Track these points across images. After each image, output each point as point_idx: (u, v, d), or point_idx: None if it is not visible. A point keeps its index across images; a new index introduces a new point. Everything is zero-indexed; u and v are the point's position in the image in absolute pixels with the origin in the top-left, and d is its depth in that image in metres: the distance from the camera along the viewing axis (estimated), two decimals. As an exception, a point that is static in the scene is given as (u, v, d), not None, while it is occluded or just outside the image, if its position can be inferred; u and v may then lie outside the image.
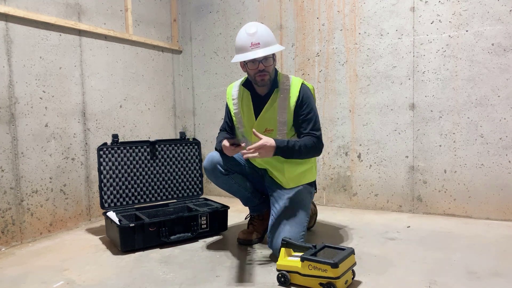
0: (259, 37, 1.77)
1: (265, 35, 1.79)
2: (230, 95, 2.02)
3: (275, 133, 1.88)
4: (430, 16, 2.46)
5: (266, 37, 1.79)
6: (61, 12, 2.38)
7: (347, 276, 1.48)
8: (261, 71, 1.81)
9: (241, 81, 2.01)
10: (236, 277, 1.63)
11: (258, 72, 1.81)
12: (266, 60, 1.80)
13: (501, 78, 2.29)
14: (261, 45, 1.77)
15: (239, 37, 1.82)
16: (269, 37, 1.81)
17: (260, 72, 1.81)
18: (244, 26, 1.83)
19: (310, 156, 1.88)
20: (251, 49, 1.77)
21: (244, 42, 1.78)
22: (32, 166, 2.23)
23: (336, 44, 2.76)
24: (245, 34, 1.79)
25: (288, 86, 1.89)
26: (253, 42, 1.77)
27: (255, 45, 1.76)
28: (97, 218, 2.61)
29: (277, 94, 1.89)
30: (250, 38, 1.77)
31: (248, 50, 1.78)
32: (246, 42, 1.78)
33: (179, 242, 2.08)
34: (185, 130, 3.43)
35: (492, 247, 1.89)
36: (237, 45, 1.83)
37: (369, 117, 2.68)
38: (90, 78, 2.56)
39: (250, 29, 1.78)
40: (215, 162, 1.95)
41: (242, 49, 1.80)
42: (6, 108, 2.10)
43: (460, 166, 2.43)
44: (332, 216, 2.56)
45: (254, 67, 1.81)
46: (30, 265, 1.83)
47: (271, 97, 1.89)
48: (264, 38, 1.78)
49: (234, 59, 1.84)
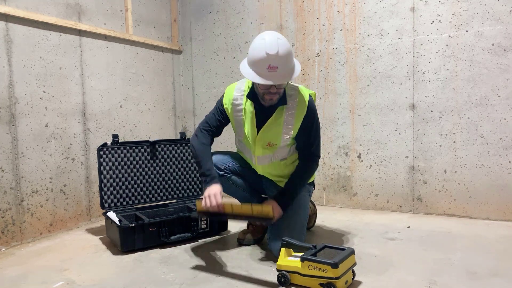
0: (279, 60, 1.59)
1: (286, 56, 1.61)
2: (231, 100, 1.86)
3: (277, 147, 1.83)
4: (430, 16, 2.46)
5: (286, 60, 1.61)
6: (61, 12, 2.38)
7: (347, 276, 1.48)
8: (271, 92, 1.68)
9: (246, 86, 1.85)
10: (236, 277, 1.63)
11: (268, 93, 1.68)
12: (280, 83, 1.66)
13: (501, 78, 2.29)
14: (279, 69, 1.60)
15: (257, 52, 1.61)
16: (288, 59, 1.63)
17: (271, 93, 1.68)
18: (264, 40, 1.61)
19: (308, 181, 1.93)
20: (267, 72, 1.59)
21: (261, 61, 1.60)
22: (32, 166, 2.23)
23: (336, 44, 2.76)
24: (263, 53, 1.58)
25: (296, 102, 1.77)
26: (271, 65, 1.59)
27: (273, 68, 1.59)
28: (97, 218, 2.61)
29: (283, 109, 1.78)
30: (269, 60, 1.58)
31: (263, 71, 1.60)
32: (263, 62, 1.59)
33: (179, 242, 2.08)
34: (185, 130, 3.43)
35: (492, 247, 1.89)
36: (252, 58, 1.64)
37: (369, 117, 2.68)
38: (90, 78, 2.56)
39: (271, 49, 1.58)
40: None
41: (257, 67, 1.62)
42: (6, 108, 2.10)
43: (460, 166, 2.42)
44: (332, 216, 2.56)
45: (265, 88, 1.67)
46: (30, 265, 1.83)
47: (276, 111, 1.78)
48: (284, 61, 1.61)
49: (244, 71, 1.66)
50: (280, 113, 1.78)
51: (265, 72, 1.60)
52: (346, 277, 1.46)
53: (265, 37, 1.63)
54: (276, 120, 1.78)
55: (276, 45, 1.59)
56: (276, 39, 1.61)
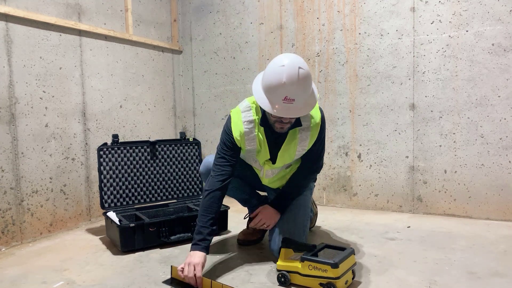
0: (297, 92, 1.46)
1: (305, 88, 1.48)
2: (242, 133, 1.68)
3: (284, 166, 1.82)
4: (430, 16, 2.46)
5: (305, 91, 1.49)
6: (61, 12, 2.38)
7: (347, 276, 1.48)
8: (283, 122, 1.56)
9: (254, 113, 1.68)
10: (236, 277, 1.63)
11: (280, 122, 1.57)
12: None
13: (501, 78, 2.29)
14: (296, 101, 1.46)
15: (274, 78, 1.46)
16: (306, 91, 1.50)
17: (282, 123, 1.57)
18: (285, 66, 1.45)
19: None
20: (282, 103, 1.46)
21: (277, 90, 1.45)
22: (32, 166, 2.23)
23: (336, 44, 2.76)
24: (282, 82, 1.43)
25: (309, 122, 1.67)
26: (288, 96, 1.45)
27: (290, 100, 1.45)
28: (97, 218, 2.61)
29: (294, 135, 1.68)
30: (286, 91, 1.44)
31: (278, 102, 1.47)
32: (279, 92, 1.45)
33: (179, 242, 2.08)
34: (185, 130, 3.43)
35: (492, 247, 1.89)
36: (268, 84, 1.49)
37: (369, 117, 2.68)
38: (90, 78, 2.57)
39: (291, 78, 1.43)
40: (210, 168, 1.85)
41: (272, 95, 1.48)
42: (6, 108, 2.10)
43: (460, 166, 2.42)
44: (332, 216, 2.56)
45: (277, 117, 1.55)
46: (30, 265, 1.83)
47: (289, 135, 1.69)
48: (302, 93, 1.48)
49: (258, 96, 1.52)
50: (293, 136, 1.68)
51: (280, 103, 1.47)
52: (346, 277, 1.47)
53: (285, 63, 1.46)
54: (289, 143, 1.69)
55: (296, 74, 1.43)
56: (297, 67, 1.44)
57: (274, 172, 1.85)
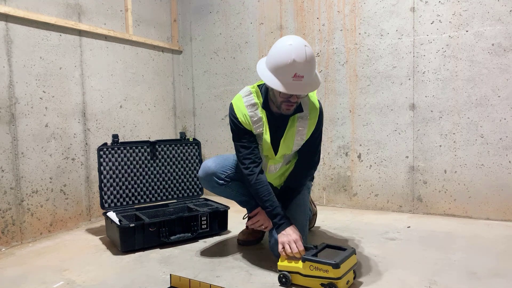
0: (306, 68, 1.50)
1: (312, 66, 1.53)
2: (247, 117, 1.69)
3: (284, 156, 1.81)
4: (430, 16, 2.46)
5: (312, 69, 1.53)
6: (61, 12, 2.38)
7: (349, 276, 1.48)
8: (291, 102, 1.58)
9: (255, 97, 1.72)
10: (236, 277, 1.63)
11: (287, 101, 1.58)
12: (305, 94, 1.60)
13: (501, 78, 2.29)
14: (305, 78, 1.51)
15: (283, 58, 1.49)
16: (314, 68, 1.55)
17: (290, 102, 1.59)
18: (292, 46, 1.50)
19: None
20: (292, 80, 1.50)
21: (287, 67, 1.49)
22: (32, 166, 2.23)
23: (336, 44, 2.76)
24: (290, 59, 1.48)
25: (308, 110, 1.71)
26: (297, 73, 1.49)
27: (299, 77, 1.49)
28: (97, 218, 2.61)
29: (295, 118, 1.70)
30: (296, 68, 1.48)
31: (288, 79, 1.50)
32: (289, 69, 1.49)
33: (179, 243, 2.08)
34: (185, 131, 3.43)
35: (492, 247, 1.89)
36: (275, 64, 1.52)
37: (369, 117, 2.68)
38: (90, 78, 2.57)
39: (298, 55, 1.47)
40: (210, 173, 1.86)
41: (281, 74, 1.51)
42: (6, 108, 2.10)
43: (460, 166, 2.42)
44: (332, 216, 2.56)
45: (285, 96, 1.57)
46: (30, 265, 1.83)
47: (289, 121, 1.71)
48: (310, 70, 1.52)
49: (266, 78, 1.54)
50: (292, 123, 1.70)
51: (290, 80, 1.49)
52: (348, 277, 1.47)
53: (292, 42, 1.51)
54: (289, 130, 1.71)
55: (304, 52, 1.48)
56: (304, 45, 1.50)
57: (277, 167, 1.85)
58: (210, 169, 1.86)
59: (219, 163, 1.89)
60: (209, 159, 1.93)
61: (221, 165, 1.89)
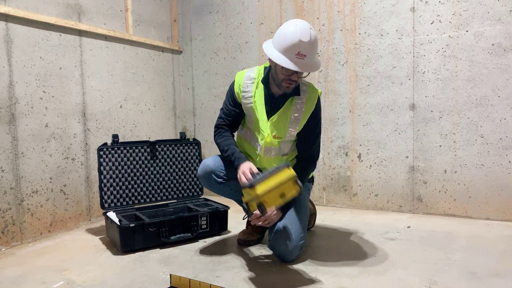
0: (309, 48, 1.62)
1: (315, 47, 1.66)
2: (241, 85, 1.85)
3: (281, 141, 1.83)
4: (430, 16, 2.46)
5: (314, 50, 1.66)
6: (61, 12, 2.38)
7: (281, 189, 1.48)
8: (292, 80, 1.70)
9: (257, 73, 1.85)
10: (236, 277, 1.63)
11: (288, 79, 1.70)
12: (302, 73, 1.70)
13: (501, 78, 2.29)
14: (307, 58, 1.63)
15: (290, 37, 1.61)
16: (316, 49, 1.68)
17: (291, 80, 1.70)
18: (298, 26, 1.62)
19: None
20: (296, 58, 1.61)
21: (292, 46, 1.60)
22: (32, 166, 2.23)
23: (336, 44, 2.76)
24: (296, 39, 1.59)
25: (305, 97, 1.80)
26: (301, 52, 1.61)
27: (302, 55, 1.61)
28: (97, 218, 2.61)
29: (292, 102, 1.80)
30: (300, 47, 1.60)
31: (292, 57, 1.61)
32: (294, 47, 1.60)
33: (179, 243, 2.08)
34: (185, 130, 3.43)
35: (492, 247, 1.89)
36: (281, 42, 1.63)
37: (369, 117, 2.68)
38: (90, 78, 2.57)
39: (305, 36, 1.60)
40: (209, 171, 1.89)
41: (286, 51, 1.62)
42: (6, 108, 2.10)
43: (460, 166, 2.43)
44: (332, 216, 2.56)
45: (287, 73, 1.68)
46: (30, 265, 1.83)
47: (286, 104, 1.79)
48: (313, 50, 1.64)
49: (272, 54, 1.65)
50: (289, 106, 1.80)
51: (293, 58, 1.61)
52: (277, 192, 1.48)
53: (298, 23, 1.64)
54: (284, 113, 1.79)
55: (309, 33, 1.62)
56: (309, 28, 1.63)
57: (272, 152, 1.85)
58: (209, 167, 1.89)
59: (218, 161, 1.92)
60: (208, 158, 1.95)
61: (220, 163, 1.91)
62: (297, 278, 1.60)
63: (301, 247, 1.79)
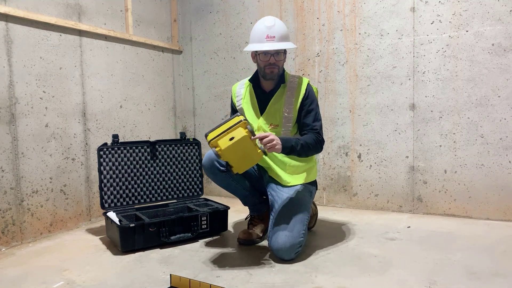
0: (276, 31, 1.84)
1: (282, 30, 1.87)
2: (235, 92, 2.07)
3: (280, 129, 1.91)
4: (430, 16, 2.46)
5: (282, 32, 1.86)
6: (61, 12, 2.38)
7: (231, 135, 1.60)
8: (271, 64, 1.87)
9: (246, 82, 2.05)
10: (236, 277, 1.63)
11: (268, 65, 1.88)
12: (278, 54, 1.87)
13: (501, 78, 2.29)
14: (276, 39, 1.84)
15: (256, 28, 1.88)
16: (285, 32, 1.88)
17: (271, 65, 1.88)
18: (263, 19, 1.90)
19: (311, 154, 1.91)
20: (266, 41, 1.84)
21: (260, 33, 1.85)
22: (32, 166, 2.23)
23: (336, 44, 2.76)
24: (262, 26, 1.85)
25: (295, 83, 1.95)
26: (269, 34, 1.83)
27: (271, 38, 1.83)
28: (97, 218, 2.61)
29: (283, 90, 1.95)
30: (267, 31, 1.84)
31: (263, 41, 1.84)
32: (262, 33, 1.84)
33: (179, 243, 2.08)
34: (185, 131, 3.43)
35: (492, 247, 1.89)
36: (252, 36, 1.89)
37: (369, 117, 2.68)
38: (90, 78, 2.57)
39: (269, 22, 1.85)
40: (212, 159, 1.94)
41: (257, 40, 1.86)
42: (6, 108, 2.10)
43: (460, 166, 2.42)
44: (332, 216, 2.56)
45: (265, 59, 1.88)
46: (30, 265, 1.83)
47: (277, 93, 1.95)
48: (281, 33, 1.86)
49: (247, 47, 1.89)
50: (280, 94, 1.94)
51: (264, 41, 1.84)
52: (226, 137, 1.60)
53: (264, 17, 1.92)
54: (277, 101, 1.94)
55: (273, 20, 1.87)
56: (273, 17, 1.89)
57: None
58: (213, 156, 1.95)
59: None
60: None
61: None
62: (297, 278, 1.60)
63: (300, 245, 1.79)
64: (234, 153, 1.61)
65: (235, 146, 1.58)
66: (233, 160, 1.63)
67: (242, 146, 1.60)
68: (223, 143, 1.60)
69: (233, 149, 1.59)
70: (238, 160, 1.64)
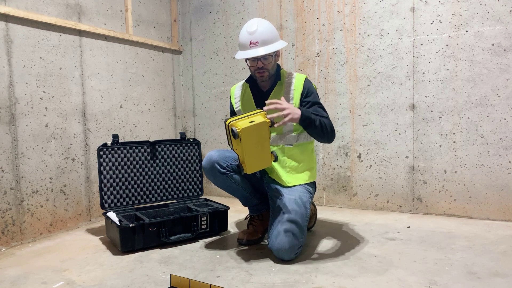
0: (258, 35, 1.82)
1: (265, 33, 1.84)
2: (233, 94, 2.08)
3: (281, 127, 1.91)
4: (430, 16, 2.46)
5: (265, 36, 1.83)
6: (61, 13, 2.38)
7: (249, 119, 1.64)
8: (260, 68, 1.87)
9: (243, 84, 2.06)
10: (236, 277, 1.63)
11: (257, 69, 1.89)
12: (265, 58, 1.86)
13: (501, 78, 2.29)
14: (260, 43, 1.82)
15: (241, 34, 1.88)
16: (268, 35, 1.85)
17: (259, 69, 1.88)
18: (247, 23, 1.88)
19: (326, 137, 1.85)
20: (250, 48, 1.83)
21: (244, 40, 1.85)
22: (32, 167, 2.23)
23: (336, 45, 2.76)
24: (245, 32, 1.85)
25: (292, 80, 1.94)
26: (252, 40, 1.83)
27: (254, 43, 1.82)
28: (97, 219, 2.61)
29: (280, 87, 1.95)
30: (250, 37, 1.83)
31: (247, 48, 1.84)
32: (246, 40, 1.84)
33: (179, 243, 2.08)
34: (185, 131, 3.43)
35: (492, 247, 1.89)
36: (239, 42, 1.90)
37: (369, 118, 2.68)
38: (90, 78, 2.57)
39: (251, 27, 1.83)
40: (213, 161, 1.94)
41: (242, 46, 1.87)
42: (6, 108, 2.10)
43: (460, 167, 2.42)
44: (332, 216, 2.56)
45: (253, 64, 1.89)
46: (30, 266, 1.83)
47: (273, 91, 1.95)
48: (263, 37, 1.83)
49: (236, 55, 1.91)
50: (278, 92, 1.94)
51: (248, 48, 1.84)
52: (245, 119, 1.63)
53: (248, 21, 1.89)
54: (276, 96, 1.92)
55: (256, 24, 1.84)
56: (257, 21, 1.86)
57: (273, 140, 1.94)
58: (213, 158, 1.95)
59: (222, 153, 1.99)
60: (213, 150, 2.01)
61: (224, 155, 1.98)
62: (297, 278, 1.60)
63: (300, 245, 1.79)
64: (251, 136, 1.61)
65: (254, 128, 1.61)
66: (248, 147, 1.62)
67: (260, 130, 1.63)
68: (243, 123, 1.61)
69: (251, 131, 1.60)
70: (252, 150, 1.63)
